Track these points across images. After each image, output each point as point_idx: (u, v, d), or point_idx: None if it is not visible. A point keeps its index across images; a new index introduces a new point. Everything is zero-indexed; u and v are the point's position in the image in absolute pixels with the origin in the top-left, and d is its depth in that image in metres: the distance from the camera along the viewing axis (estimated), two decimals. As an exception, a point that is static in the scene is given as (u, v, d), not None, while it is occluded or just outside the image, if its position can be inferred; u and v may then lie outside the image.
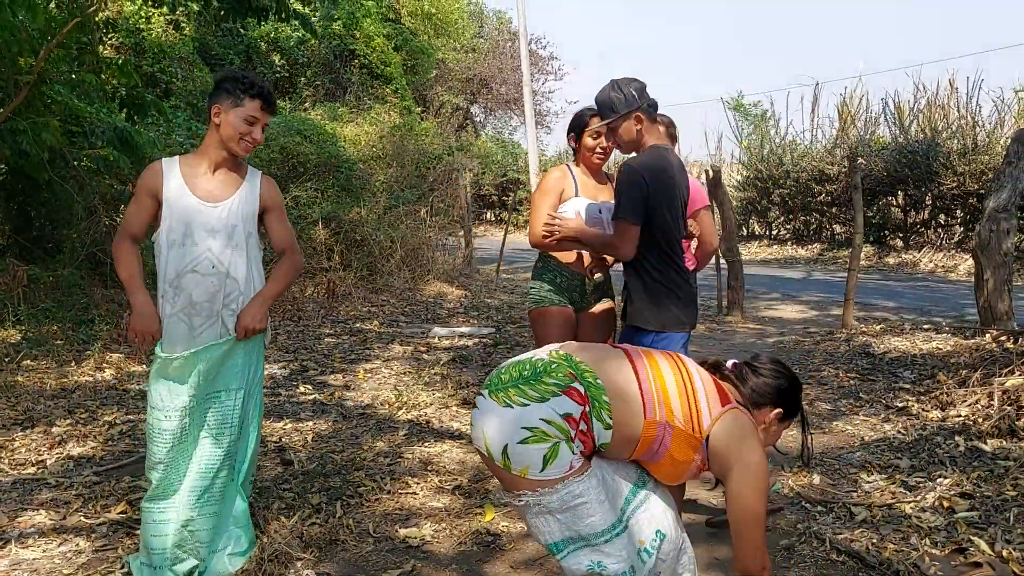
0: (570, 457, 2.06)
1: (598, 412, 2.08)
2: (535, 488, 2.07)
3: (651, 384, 2.13)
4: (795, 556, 3.18)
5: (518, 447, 2.05)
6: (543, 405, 2.05)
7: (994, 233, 6.61)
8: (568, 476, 2.07)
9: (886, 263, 13.82)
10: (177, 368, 2.90)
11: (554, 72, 31.67)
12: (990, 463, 3.91)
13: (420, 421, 4.98)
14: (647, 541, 2.14)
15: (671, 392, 2.13)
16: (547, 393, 2.07)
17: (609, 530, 2.10)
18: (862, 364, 6.18)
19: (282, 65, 15.38)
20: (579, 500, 2.07)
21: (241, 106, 2.92)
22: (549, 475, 2.05)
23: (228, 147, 2.95)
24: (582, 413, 2.06)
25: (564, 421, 2.05)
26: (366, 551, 3.26)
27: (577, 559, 2.12)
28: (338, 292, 9.46)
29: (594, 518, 2.08)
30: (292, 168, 11.07)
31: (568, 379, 2.09)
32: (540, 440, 2.03)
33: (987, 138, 14.24)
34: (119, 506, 3.63)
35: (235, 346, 2.99)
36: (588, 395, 2.08)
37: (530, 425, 2.04)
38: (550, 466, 2.04)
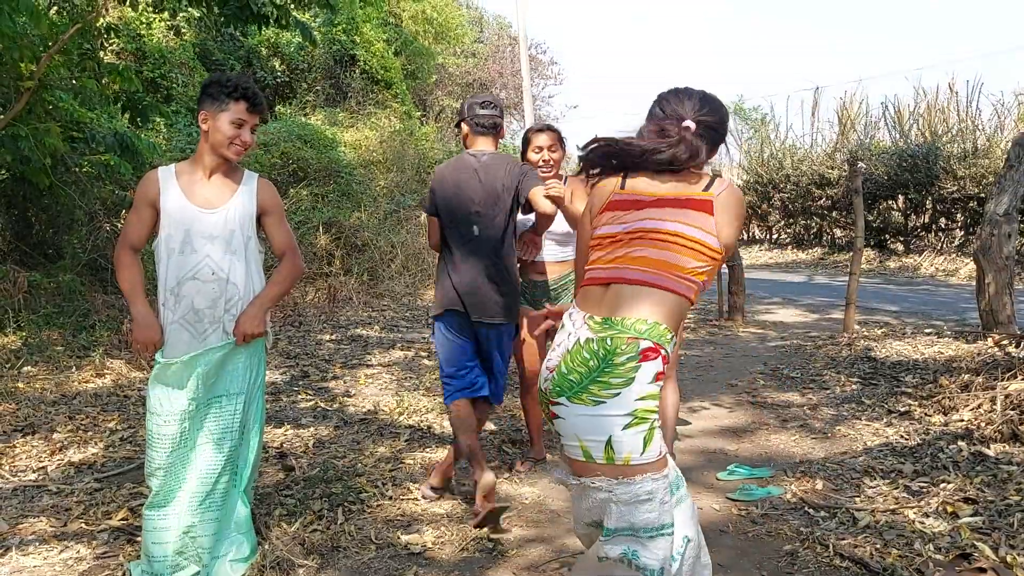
0: (660, 438, 2.06)
1: (666, 341, 2.06)
2: (626, 475, 2.04)
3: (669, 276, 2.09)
4: (798, 562, 3.17)
5: (620, 434, 2.02)
6: (632, 386, 2.02)
7: (995, 237, 6.60)
8: (657, 463, 2.05)
9: (887, 267, 13.82)
10: (176, 372, 2.89)
11: (553, 76, 31.72)
12: (993, 468, 3.90)
13: (421, 426, 4.97)
14: (677, 546, 2.12)
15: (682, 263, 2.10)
16: (628, 372, 2.02)
17: (659, 528, 2.06)
18: (864, 368, 6.17)
19: (283, 70, 15.39)
20: (649, 496, 2.05)
21: (226, 110, 2.91)
22: (647, 458, 2.03)
23: (219, 152, 2.95)
24: (662, 359, 2.05)
25: (655, 382, 2.03)
26: (368, 558, 3.25)
27: (617, 544, 2.08)
28: (339, 297, 9.47)
29: (651, 514, 2.05)
30: (293, 173, 11.08)
31: (634, 345, 2.03)
32: (640, 422, 2.02)
33: (987, 142, 14.23)
34: (120, 513, 3.62)
35: (235, 350, 2.98)
36: (655, 342, 2.04)
37: (629, 410, 2.02)
38: (648, 448, 2.03)
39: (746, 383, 5.91)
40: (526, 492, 3.96)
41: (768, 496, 3.82)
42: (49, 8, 7.08)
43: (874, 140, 16.38)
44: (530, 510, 3.74)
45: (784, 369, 6.33)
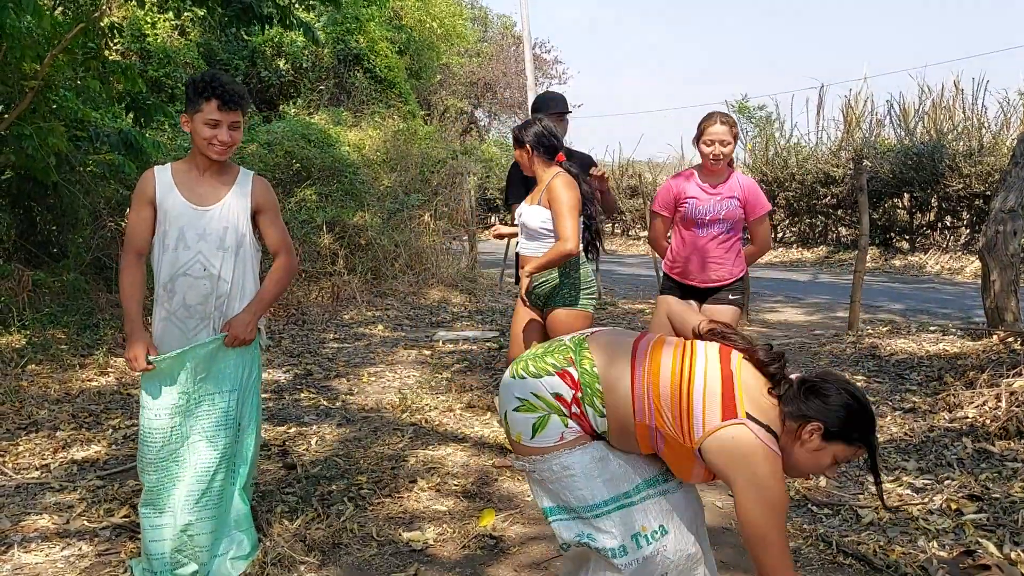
0: (560, 429, 2.10)
1: (590, 399, 2.10)
2: (528, 455, 2.15)
3: (643, 385, 2.07)
4: (801, 559, 3.16)
5: (512, 414, 2.16)
6: (537, 380, 2.14)
7: (1001, 234, 6.57)
8: (559, 447, 2.10)
9: (892, 265, 13.77)
10: (166, 367, 2.91)
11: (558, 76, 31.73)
12: (998, 465, 3.89)
13: (424, 425, 4.97)
14: (648, 529, 2.11)
15: (663, 396, 2.05)
16: (543, 371, 2.15)
17: (598, 505, 2.09)
18: (869, 366, 6.15)
19: (287, 70, 15.40)
20: (567, 472, 2.10)
21: (199, 111, 2.90)
22: (537, 443, 2.12)
23: (202, 152, 2.96)
24: (573, 397, 2.11)
25: (554, 399, 2.12)
26: (369, 555, 3.24)
27: (567, 527, 2.15)
28: (342, 296, 9.47)
29: (582, 491, 2.09)
30: (296, 172, 11.08)
31: (565, 362, 2.15)
32: (529, 410, 2.13)
33: (993, 139, 14.17)
34: (122, 510, 3.62)
35: (225, 347, 2.98)
36: (581, 381, 2.11)
37: (522, 396, 2.14)
38: (539, 435, 2.11)
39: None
40: (528, 490, 3.94)
41: (771, 493, 3.80)
42: (54, 7, 7.09)
43: (879, 138, 16.32)
44: (532, 507, 3.73)
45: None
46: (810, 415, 2.01)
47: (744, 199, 4.14)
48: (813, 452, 2.03)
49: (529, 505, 3.76)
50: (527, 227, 4.02)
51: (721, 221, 4.15)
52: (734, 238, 4.21)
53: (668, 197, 4.25)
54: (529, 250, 4.04)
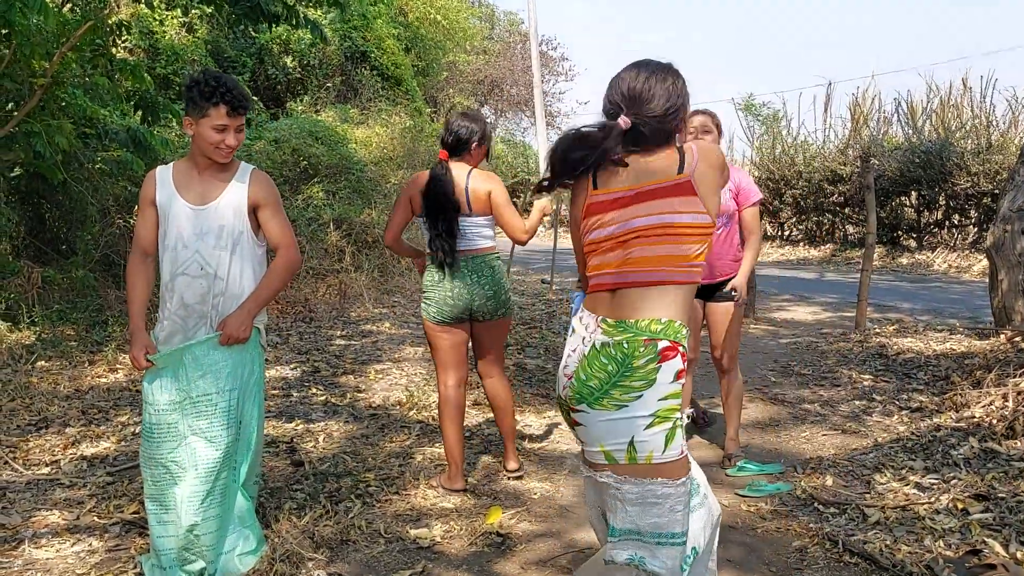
0: (681, 442, 2.07)
1: (681, 336, 2.06)
2: (647, 475, 2.05)
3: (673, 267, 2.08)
4: (808, 558, 3.16)
5: (643, 434, 2.04)
6: (654, 387, 2.03)
7: (1008, 233, 6.55)
8: (679, 464, 2.07)
9: (899, 263, 13.74)
10: (163, 364, 2.94)
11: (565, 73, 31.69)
12: (1005, 464, 3.88)
13: (431, 422, 4.98)
14: (686, 555, 2.13)
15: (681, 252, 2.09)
16: (649, 374, 2.03)
17: (668, 536, 2.05)
18: (876, 365, 6.15)
19: (294, 67, 15.43)
20: (655, 501, 2.05)
21: (206, 116, 2.88)
22: (668, 456, 2.05)
23: (207, 156, 2.96)
24: (680, 356, 2.05)
25: (676, 381, 2.04)
26: (377, 551, 3.26)
27: (624, 548, 2.09)
28: (349, 294, 9.49)
29: (661, 519, 2.05)
30: (304, 170, 11.11)
31: (649, 346, 2.03)
32: (662, 421, 2.04)
33: (1001, 138, 14.12)
34: (132, 506, 3.65)
35: (221, 346, 2.99)
36: (672, 340, 2.04)
37: (651, 411, 2.04)
38: (670, 447, 2.04)
39: (757, 380, 5.89)
40: (535, 487, 3.97)
41: (778, 492, 3.82)
42: (62, 5, 7.11)
43: (887, 136, 16.28)
44: (539, 505, 3.75)
45: (795, 366, 6.32)
46: None
47: (736, 190, 4.12)
48: None
49: (536, 502, 3.77)
50: None
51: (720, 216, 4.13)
52: (729, 232, 4.17)
53: None
54: None
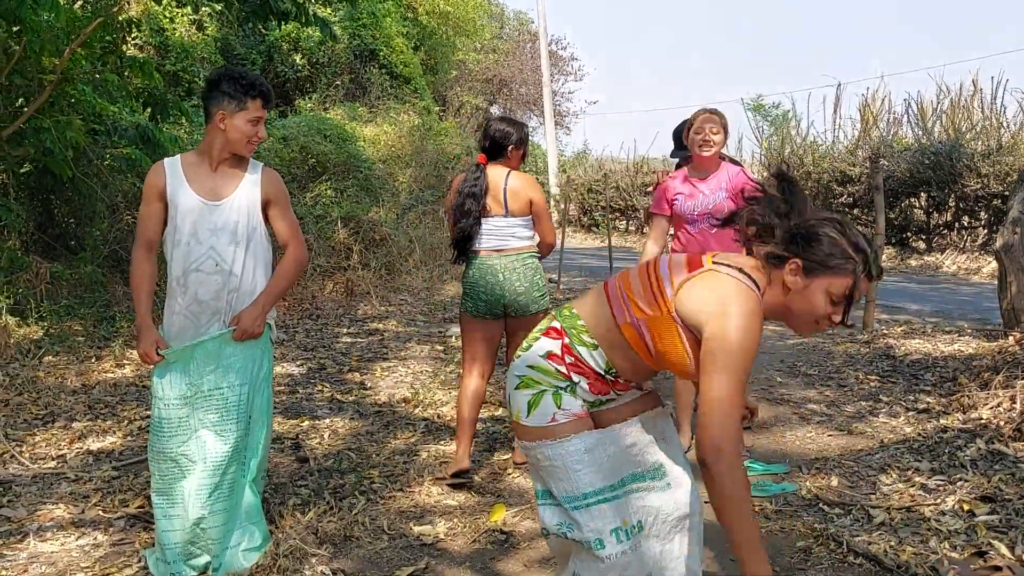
0: (552, 410, 2.08)
1: (577, 338, 2.09)
2: (524, 437, 2.14)
3: (617, 289, 2.09)
4: (812, 558, 3.15)
5: (513, 393, 2.15)
6: (529, 352, 2.14)
7: (1018, 235, 6.51)
8: (548, 433, 2.08)
9: (908, 265, 13.68)
10: (176, 359, 2.94)
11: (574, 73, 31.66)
12: (1012, 466, 3.86)
13: (436, 420, 4.99)
14: (628, 523, 2.10)
15: (634, 286, 2.07)
16: (532, 341, 2.16)
17: (577, 498, 2.07)
18: (883, 366, 6.12)
19: (303, 65, 15.45)
20: (550, 462, 2.09)
21: (245, 109, 2.92)
22: (532, 422, 2.10)
23: (236, 150, 2.97)
24: (562, 346, 2.10)
25: (547, 360, 2.10)
26: (381, 548, 3.27)
27: (549, 513, 2.15)
28: (356, 291, 9.50)
29: (563, 483, 2.08)
30: (312, 168, 11.13)
31: (548, 322, 2.17)
32: (527, 386, 2.11)
33: (1012, 139, 14.03)
34: (137, 500, 3.66)
35: (233, 341, 3.00)
36: (563, 327, 2.12)
37: (519, 373, 2.14)
38: (533, 413, 2.09)
39: (763, 380, 5.87)
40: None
41: (782, 492, 3.80)
42: (73, 2, 7.14)
43: (896, 137, 16.20)
44: (543, 503, 3.74)
45: (801, 366, 6.30)
46: (787, 252, 1.96)
47: (732, 188, 4.10)
48: (803, 293, 1.95)
49: (540, 501, 3.77)
50: None
51: (710, 216, 4.11)
52: (727, 232, 4.14)
53: (660, 196, 4.24)
54: None
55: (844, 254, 1.93)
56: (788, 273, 1.95)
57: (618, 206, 20.55)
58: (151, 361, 2.96)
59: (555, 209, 22.25)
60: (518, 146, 4.07)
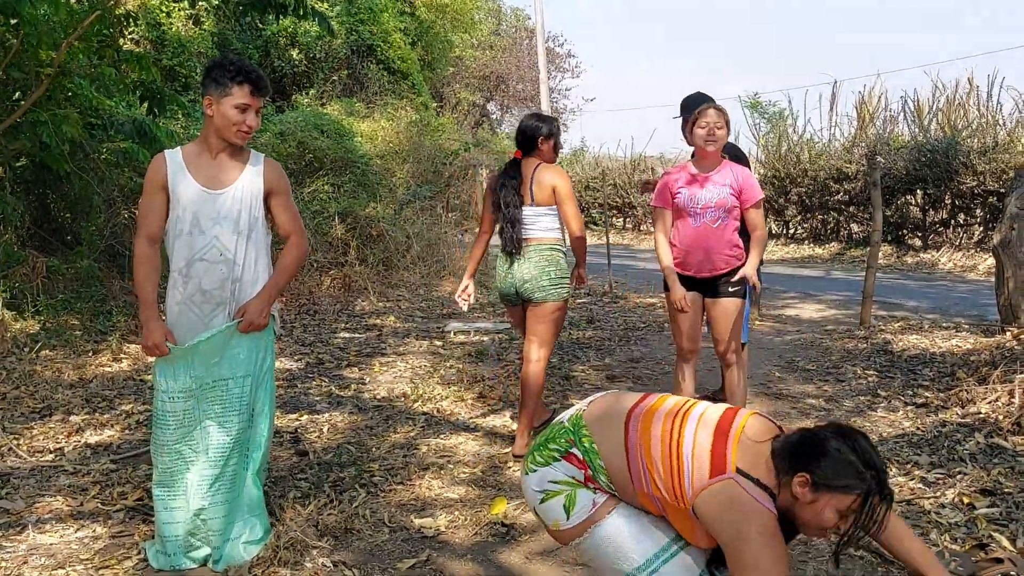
0: (591, 496, 2.11)
1: (596, 475, 2.13)
2: (570, 539, 2.15)
3: (638, 456, 2.08)
4: (813, 550, 3.16)
5: (541, 506, 2.17)
6: (547, 469, 2.16)
7: (1016, 231, 6.53)
8: (595, 515, 2.10)
9: (905, 262, 13.69)
10: (180, 352, 2.93)
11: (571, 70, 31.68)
12: (1011, 460, 3.87)
13: (436, 414, 4.98)
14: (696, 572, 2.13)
15: (656, 463, 2.05)
16: (550, 459, 2.17)
17: (650, 561, 2.08)
18: (880, 361, 6.13)
19: (300, 60, 15.42)
20: (608, 541, 2.11)
21: (229, 95, 2.91)
22: (576, 521, 2.11)
23: (224, 137, 2.96)
24: (585, 475, 2.13)
25: (571, 479, 2.14)
26: (381, 540, 3.26)
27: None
28: (354, 287, 9.49)
29: (630, 553, 2.09)
30: (309, 163, 11.11)
31: (567, 445, 2.16)
32: (556, 495, 2.13)
33: (1008, 137, 14.06)
34: (136, 493, 3.65)
35: (240, 334, 2.99)
36: (586, 460, 2.13)
37: (540, 488, 2.16)
38: (573, 513, 2.11)
39: (761, 376, 5.88)
40: (539, 479, 3.96)
41: (782, 486, 3.80)
42: (70, -5, 7.11)
43: (893, 134, 16.22)
44: (543, 496, 3.74)
45: (800, 362, 6.30)
46: (795, 467, 1.95)
47: (739, 187, 4.11)
48: (810, 506, 1.93)
49: (540, 494, 3.76)
50: None
51: (713, 209, 4.11)
52: (729, 227, 4.16)
53: (663, 189, 4.23)
54: None
55: (853, 473, 1.91)
56: (797, 486, 1.94)
57: (615, 203, 20.56)
58: (162, 353, 2.93)
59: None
60: (548, 138, 4.23)
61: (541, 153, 4.24)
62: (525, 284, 4.14)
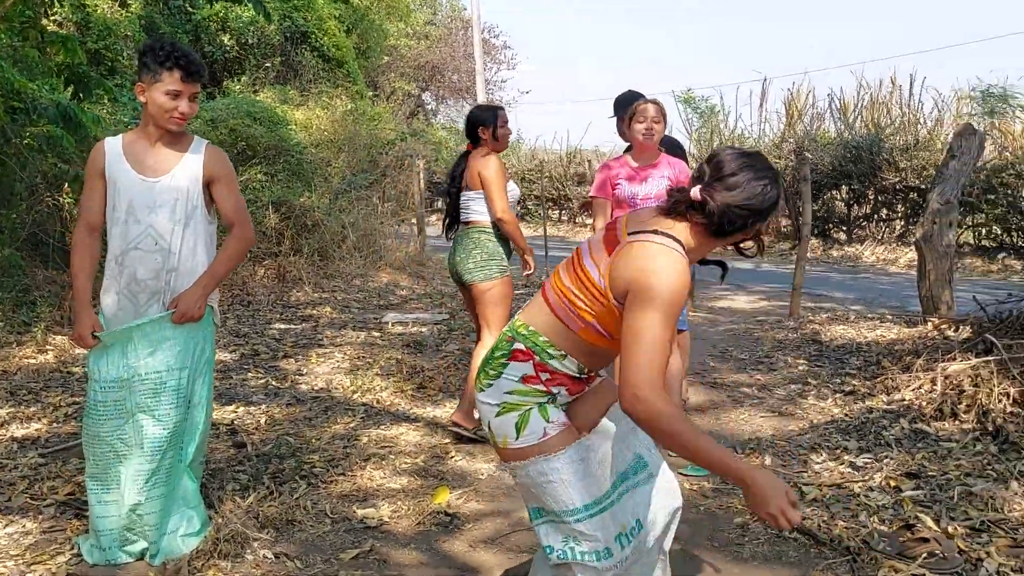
0: (542, 424, 2.07)
1: (545, 353, 2.08)
2: (513, 459, 2.11)
3: (558, 299, 2.09)
4: (749, 533, 3.25)
5: (495, 420, 2.11)
6: (501, 379, 2.11)
7: (937, 225, 6.79)
8: (543, 446, 2.07)
9: (830, 255, 14.10)
10: (112, 341, 2.87)
11: (506, 61, 31.69)
12: (934, 445, 4.04)
13: (375, 405, 4.95)
14: (628, 527, 2.13)
15: (570, 288, 2.08)
16: (499, 367, 2.12)
17: (579, 510, 2.06)
18: (810, 351, 6.31)
19: (232, 45, 15.07)
20: (546, 478, 2.07)
21: (160, 81, 2.83)
22: (524, 442, 2.07)
23: (159, 123, 2.90)
24: (534, 366, 2.09)
25: (523, 384, 2.09)
26: (324, 531, 3.24)
27: (549, 531, 2.12)
28: (288, 277, 9.34)
29: (563, 497, 2.07)
30: (241, 151, 10.87)
31: (508, 344, 2.13)
32: (510, 411, 2.08)
33: (928, 135, 14.62)
34: (67, 488, 3.55)
35: (174, 324, 2.93)
36: (527, 346, 2.09)
37: (496, 401, 2.11)
38: (523, 434, 2.07)
39: (696, 365, 6.00)
40: (481, 468, 3.98)
41: (719, 472, 3.89)
42: (-11, -27, 6.82)
43: (820, 131, 16.68)
44: (486, 485, 3.76)
45: (734, 351, 6.45)
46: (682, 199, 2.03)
47: (676, 180, 4.19)
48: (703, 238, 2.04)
49: (484, 483, 3.79)
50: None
51: (652, 201, 4.17)
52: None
53: (604, 181, 4.30)
54: None
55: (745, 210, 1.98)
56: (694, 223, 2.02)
57: (551, 196, 20.66)
58: (87, 345, 2.87)
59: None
60: (487, 127, 4.34)
61: (484, 142, 4.33)
62: (457, 266, 4.34)
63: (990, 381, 4.37)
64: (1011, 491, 3.38)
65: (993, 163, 12.32)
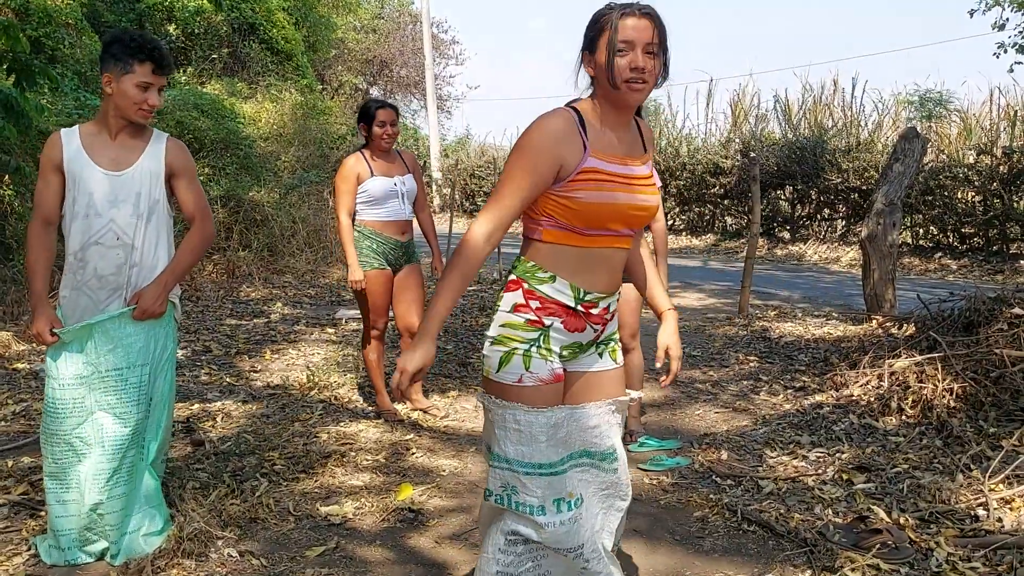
0: (521, 371, 2.12)
1: (534, 278, 2.16)
2: (493, 393, 2.17)
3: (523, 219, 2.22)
4: (708, 526, 3.32)
5: (487, 349, 2.20)
6: (499, 312, 2.19)
7: (881, 226, 7.00)
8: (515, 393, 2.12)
9: (775, 254, 14.40)
10: (71, 338, 2.81)
11: (455, 57, 31.58)
12: (882, 439, 4.17)
13: (334, 402, 4.93)
14: (574, 496, 2.17)
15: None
16: (498, 300, 2.21)
17: (533, 465, 2.12)
18: (760, 348, 6.45)
19: (178, 35, 14.75)
20: (516, 426, 2.13)
21: (131, 72, 2.79)
22: (500, 378, 2.14)
23: (124, 116, 2.85)
24: (523, 293, 2.15)
25: (514, 313, 2.15)
26: (288, 529, 3.22)
27: (497, 476, 2.18)
28: (238, 273, 9.22)
29: (522, 447, 2.13)
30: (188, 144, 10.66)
31: (506, 278, 2.23)
32: (500, 344, 2.15)
33: (869, 137, 15.03)
34: (20, 487, 3.47)
35: (135, 321, 2.88)
36: (517, 275, 2.18)
37: (494, 333, 2.18)
38: (503, 369, 2.14)
39: (651, 362, 6.08)
40: (444, 464, 3.99)
41: (677, 466, 3.97)
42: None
43: (765, 132, 17.01)
44: (448, 481, 3.77)
45: (686, 348, 6.56)
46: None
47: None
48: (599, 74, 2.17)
49: (446, 479, 3.80)
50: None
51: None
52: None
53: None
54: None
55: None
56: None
57: (500, 192, 20.68)
58: (45, 342, 2.81)
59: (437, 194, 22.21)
60: (366, 123, 4.48)
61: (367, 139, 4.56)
62: None
63: (934, 377, 4.53)
64: (957, 483, 3.51)
65: (931, 166, 12.71)
